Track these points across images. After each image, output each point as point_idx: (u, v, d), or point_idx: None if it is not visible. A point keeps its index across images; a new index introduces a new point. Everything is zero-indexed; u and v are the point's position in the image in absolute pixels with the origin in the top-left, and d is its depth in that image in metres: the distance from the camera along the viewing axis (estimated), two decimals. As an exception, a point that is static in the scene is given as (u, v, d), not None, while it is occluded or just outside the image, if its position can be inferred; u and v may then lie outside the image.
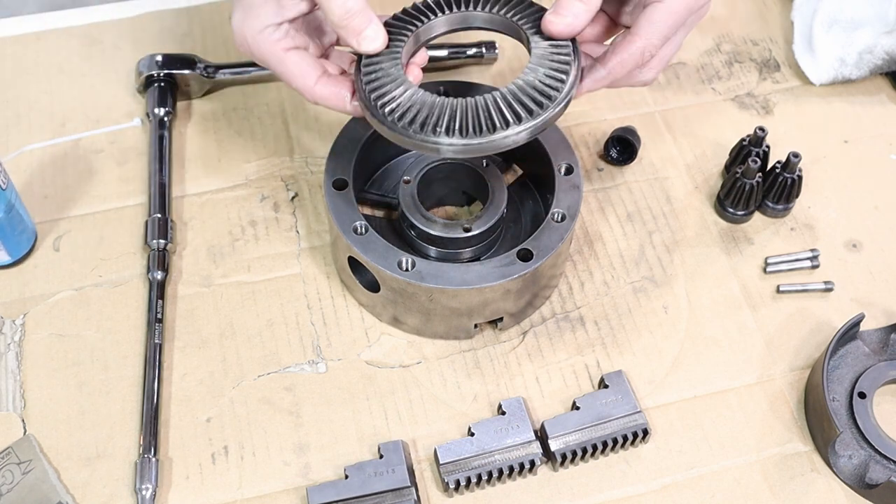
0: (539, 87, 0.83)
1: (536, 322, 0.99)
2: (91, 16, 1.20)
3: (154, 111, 1.09)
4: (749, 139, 1.06)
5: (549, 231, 0.93)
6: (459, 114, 0.83)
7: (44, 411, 0.92)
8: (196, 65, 1.11)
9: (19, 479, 0.87)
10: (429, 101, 0.84)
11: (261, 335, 0.97)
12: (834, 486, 0.91)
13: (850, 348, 0.96)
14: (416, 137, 0.83)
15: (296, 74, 0.88)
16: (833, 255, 1.05)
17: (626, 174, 1.10)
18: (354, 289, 0.98)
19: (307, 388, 0.95)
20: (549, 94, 0.83)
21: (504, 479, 0.89)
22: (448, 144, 0.83)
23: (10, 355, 0.95)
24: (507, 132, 0.82)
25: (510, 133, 0.82)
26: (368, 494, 0.86)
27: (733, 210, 1.05)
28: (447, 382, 0.96)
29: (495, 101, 0.83)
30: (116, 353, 0.96)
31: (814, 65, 1.16)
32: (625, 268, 1.03)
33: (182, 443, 0.91)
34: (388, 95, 0.84)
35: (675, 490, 0.90)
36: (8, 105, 1.12)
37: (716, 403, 0.95)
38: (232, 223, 1.04)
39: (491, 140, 0.82)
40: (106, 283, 1.00)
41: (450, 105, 0.83)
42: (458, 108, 0.83)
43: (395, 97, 0.84)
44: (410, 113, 0.83)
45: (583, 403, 0.92)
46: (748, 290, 1.02)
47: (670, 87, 1.17)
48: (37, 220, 1.03)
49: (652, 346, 0.98)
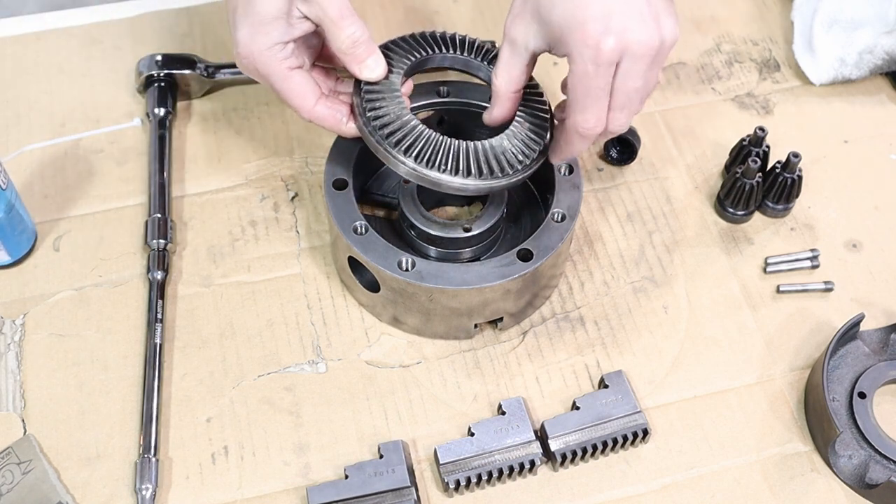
0: (514, 153, 0.90)
1: (536, 322, 0.99)
2: (91, 16, 1.20)
3: (154, 111, 1.09)
4: (749, 139, 1.06)
5: (549, 231, 0.93)
6: (454, 153, 0.89)
7: (44, 411, 0.92)
8: (196, 65, 1.11)
9: (19, 479, 0.87)
10: (426, 134, 0.89)
11: (261, 335, 0.97)
12: (834, 486, 0.91)
13: (850, 348, 0.96)
14: (409, 165, 0.88)
15: (298, 94, 0.90)
16: (833, 255, 1.05)
17: (626, 174, 1.10)
18: (354, 289, 0.98)
19: (307, 388, 0.95)
20: (522, 162, 0.90)
21: (504, 479, 0.89)
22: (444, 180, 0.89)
23: (10, 355, 0.95)
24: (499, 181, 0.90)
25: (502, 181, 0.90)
26: (368, 494, 0.86)
27: (733, 210, 1.05)
28: (447, 382, 0.96)
29: (485, 150, 0.89)
30: (116, 353, 0.96)
31: (814, 65, 1.16)
32: (625, 268, 1.03)
33: (182, 443, 0.91)
34: (389, 125, 0.89)
35: (675, 490, 0.90)
36: (8, 105, 1.12)
37: (716, 403, 0.95)
38: (232, 223, 1.04)
39: (488, 184, 0.89)
40: (106, 283, 1.00)
41: (444, 143, 0.89)
42: (453, 148, 0.89)
43: (395, 126, 0.89)
44: (407, 141, 0.88)
45: (583, 403, 0.92)
46: (748, 290, 1.02)
47: (670, 87, 1.17)
48: (37, 220, 1.03)
49: (652, 346, 0.98)
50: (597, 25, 0.80)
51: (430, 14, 1.21)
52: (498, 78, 0.91)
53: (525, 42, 0.87)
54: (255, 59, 0.88)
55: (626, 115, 0.86)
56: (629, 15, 0.81)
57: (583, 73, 0.82)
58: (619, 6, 0.81)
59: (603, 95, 0.84)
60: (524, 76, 0.90)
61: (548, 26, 0.84)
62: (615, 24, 0.81)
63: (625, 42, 0.81)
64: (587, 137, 0.87)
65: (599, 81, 0.82)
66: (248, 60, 0.89)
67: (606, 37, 0.80)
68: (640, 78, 0.83)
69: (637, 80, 0.83)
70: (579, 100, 0.84)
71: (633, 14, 0.81)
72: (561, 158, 0.92)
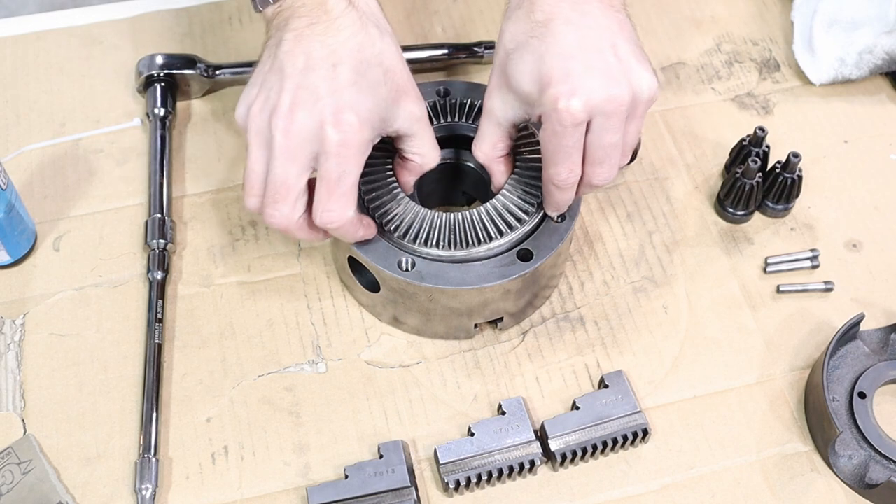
0: (512, 210, 0.93)
1: (536, 322, 0.99)
2: (91, 16, 1.20)
3: (154, 111, 1.08)
4: (749, 139, 1.06)
5: (549, 231, 0.93)
6: (446, 229, 0.92)
7: (44, 411, 0.92)
8: (196, 65, 1.10)
9: (19, 479, 0.87)
10: (420, 215, 0.92)
11: (261, 335, 0.97)
12: (834, 486, 0.91)
13: (850, 348, 0.96)
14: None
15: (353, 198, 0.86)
16: (833, 255, 1.05)
17: (626, 174, 1.10)
18: (354, 289, 0.98)
19: (307, 388, 0.95)
20: (520, 218, 0.92)
21: (504, 479, 0.89)
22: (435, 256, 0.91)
23: (10, 355, 0.95)
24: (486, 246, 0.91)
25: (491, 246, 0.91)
26: (368, 494, 0.86)
27: (733, 210, 1.05)
28: (447, 382, 0.96)
29: (472, 219, 0.92)
30: (116, 353, 0.96)
31: (814, 65, 1.16)
32: (625, 268, 1.03)
33: (182, 443, 0.91)
34: (389, 213, 0.92)
35: (675, 490, 0.90)
36: (8, 105, 1.12)
37: (716, 403, 0.95)
38: (232, 223, 1.04)
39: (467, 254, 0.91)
40: (106, 283, 1.00)
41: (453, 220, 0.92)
42: (443, 222, 0.92)
43: (394, 212, 0.92)
44: (423, 233, 0.91)
45: (583, 403, 0.92)
46: (748, 290, 1.02)
47: (670, 87, 1.17)
48: (37, 220, 1.03)
49: (652, 346, 0.98)
50: (562, 87, 0.80)
51: (429, 14, 1.21)
52: (478, 150, 0.93)
53: (503, 113, 0.89)
54: (356, 140, 0.82)
55: (606, 169, 0.86)
56: (595, 74, 0.81)
57: (552, 133, 0.83)
58: (583, 66, 0.81)
59: (574, 152, 0.84)
60: (504, 144, 0.92)
61: (519, 94, 0.85)
62: (580, 86, 0.80)
63: (592, 102, 0.81)
64: (563, 189, 0.87)
65: (568, 140, 0.83)
66: (349, 136, 0.82)
67: (571, 98, 0.80)
68: (615, 133, 0.83)
69: (612, 135, 0.83)
70: (551, 156, 0.85)
71: (600, 72, 0.81)
72: (551, 209, 0.92)
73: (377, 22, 0.86)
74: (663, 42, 1.20)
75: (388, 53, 0.85)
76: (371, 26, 0.85)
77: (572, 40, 0.82)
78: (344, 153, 0.82)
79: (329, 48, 0.82)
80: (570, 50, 0.81)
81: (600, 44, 0.82)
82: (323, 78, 0.82)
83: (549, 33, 0.82)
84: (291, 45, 0.83)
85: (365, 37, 0.84)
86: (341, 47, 0.83)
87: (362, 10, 0.85)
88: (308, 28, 0.83)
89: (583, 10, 0.83)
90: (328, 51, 0.82)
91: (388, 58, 0.85)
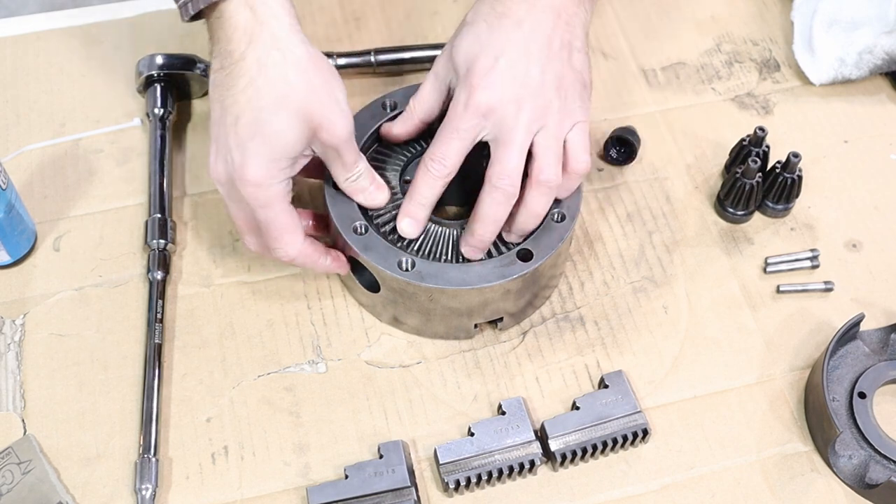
0: None
1: (536, 322, 0.99)
2: (91, 16, 1.20)
3: (154, 111, 1.08)
4: (749, 139, 1.06)
5: (549, 231, 0.93)
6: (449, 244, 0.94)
7: (44, 411, 0.92)
8: (196, 65, 1.10)
9: (19, 479, 0.87)
10: (434, 232, 0.94)
11: (261, 335, 0.98)
12: (834, 486, 0.91)
13: (850, 348, 0.96)
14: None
15: (292, 228, 0.89)
16: (833, 255, 1.05)
17: (626, 174, 1.10)
18: (354, 289, 0.98)
19: (307, 388, 0.95)
20: None
21: (504, 479, 0.89)
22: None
23: (10, 355, 0.95)
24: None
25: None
26: (368, 494, 0.86)
27: (733, 210, 1.05)
28: (447, 382, 0.96)
29: None
30: (116, 353, 0.96)
31: (814, 65, 1.16)
32: (625, 268, 1.03)
33: (182, 443, 0.91)
34: (389, 219, 0.94)
35: (675, 490, 0.90)
36: (8, 105, 1.12)
37: (716, 403, 0.95)
38: (232, 223, 1.04)
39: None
40: (106, 283, 1.00)
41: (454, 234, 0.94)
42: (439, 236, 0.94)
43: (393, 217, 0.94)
44: (426, 245, 0.93)
45: (583, 403, 0.92)
46: (748, 290, 1.02)
47: (670, 87, 1.17)
48: (37, 220, 1.03)
49: (652, 346, 0.98)
50: (475, 80, 0.88)
51: (429, 14, 1.21)
52: (414, 100, 0.96)
53: (445, 77, 0.93)
54: (266, 191, 0.85)
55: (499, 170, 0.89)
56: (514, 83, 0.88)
57: (451, 112, 0.89)
58: (508, 69, 0.88)
59: (456, 138, 0.88)
60: (437, 108, 0.95)
61: (454, 63, 0.91)
62: (493, 83, 0.87)
63: (493, 103, 0.87)
64: (436, 178, 0.89)
65: (458, 122, 0.88)
66: (257, 190, 0.85)
67: (480, 91, 0.87)
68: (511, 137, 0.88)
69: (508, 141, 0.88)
70: (439, 132, 0.90)
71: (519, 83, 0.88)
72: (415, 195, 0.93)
73: (285, 49, 0.84)
74: (663, 42, 1.20)
75: (295, 92, 0.83)
76: (272, 65, 0.83)
77: (515, 40, 0.88)
78: (261, 201, 0.86)
79: (232, 98, 0.84)
80: (506, 50, 0.88)
81: (538, 55, 0.89)
82: (226, 133, 0.85)
83: (500, 27, 0.89)
84: (210, 91, 0.87)
85: (263, 81, 0.83)
86: (240, 97, 0.84)
87: (264, 41, 0.83)
88: (218, 73, 0.86)
89: (537, 20, 0.89)
90: (231, 101, 0.84)
91: (294, 98, 0.83)
